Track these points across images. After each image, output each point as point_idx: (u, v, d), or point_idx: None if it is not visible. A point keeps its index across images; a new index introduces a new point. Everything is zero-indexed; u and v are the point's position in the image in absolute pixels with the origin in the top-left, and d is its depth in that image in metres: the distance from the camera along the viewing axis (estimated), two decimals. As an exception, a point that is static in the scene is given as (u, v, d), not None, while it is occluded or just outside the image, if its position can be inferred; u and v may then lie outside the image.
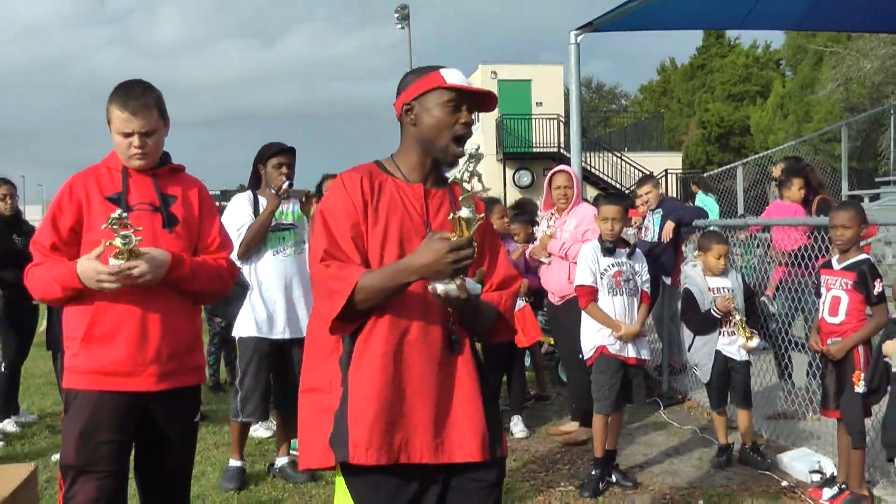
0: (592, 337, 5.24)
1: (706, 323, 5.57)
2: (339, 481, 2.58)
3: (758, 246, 7.73)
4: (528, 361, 7.80)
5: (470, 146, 2.64)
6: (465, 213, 2.41)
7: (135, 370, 3.19)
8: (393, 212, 2.62)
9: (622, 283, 5.23)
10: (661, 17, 11.01)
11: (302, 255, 5.33)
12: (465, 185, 2.44)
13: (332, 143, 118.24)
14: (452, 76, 2.65)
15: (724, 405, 5.68)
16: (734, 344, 5.52)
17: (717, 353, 5.56)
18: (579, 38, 9.53)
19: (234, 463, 5.39)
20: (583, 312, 5.31)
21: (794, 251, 6.52)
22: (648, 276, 5.53)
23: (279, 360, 5.31)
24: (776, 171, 8.25)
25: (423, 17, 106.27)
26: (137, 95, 3.23)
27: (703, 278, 5.63)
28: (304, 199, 5.29)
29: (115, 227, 2.98)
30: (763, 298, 7.48)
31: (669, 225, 7.23)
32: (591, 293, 5.22)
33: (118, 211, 3.04)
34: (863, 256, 4.86)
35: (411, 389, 2.53)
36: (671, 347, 7.97)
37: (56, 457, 6.18)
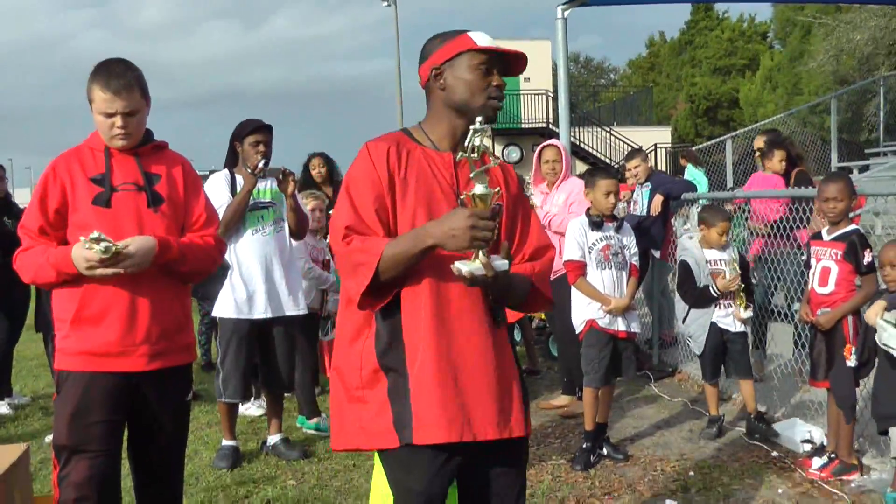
0: (582, 311, 5.24)
1: (703, 298, 5.59)
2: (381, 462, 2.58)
3: (747, 218, 7.74)
4: (518, 336, 7.81)
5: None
6: (479, 189, 2.39)
7: (125, 350, 3.19)
8: (422, 181, 2.56)
9: (611, 257, 5.23)
10: (649, -11, 11.04)
11: (281, 233, 5.32)
12: (472, 159, 2.41)
13: (319, 122, 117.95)
14: (482, 39, 2.60)
15: (717, 377, 5.71)
16: (730, 315, 5.55)
17: (713, 324, 5.58)
18: (566, 13, 9.49)
19: (227, 442, 5.39)
20: (572, 287, 5.31)
21: (775, 222, 6.53)
22: (637, 249, 5.53)
23: (262, 339, 5.29)
24: (758, 142, 8.25)
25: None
26: (119, 75, 3.19)
27: (701, 250, 5.63)
28: (280, 178, 5.23)
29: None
30: None
31: (658, 198, 7.23)
32: (579, 268, 5.22)
33: (95, 233, 3.01)
34: (852, 227, 4.88)
35: (464, 363, 2.50)
36: (661, 321, 7.99)
37: (49, 438, 6.19)
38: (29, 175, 65.67)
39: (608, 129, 28.15)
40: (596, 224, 5.22)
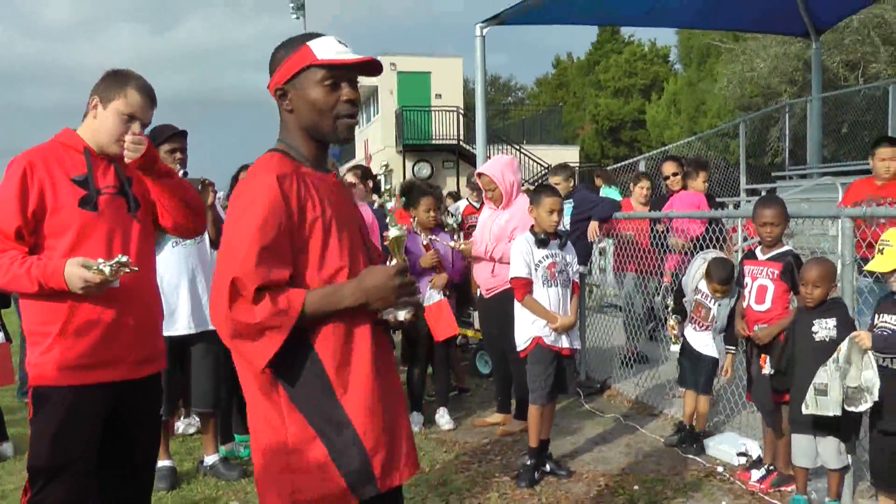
0: (527, 328, 5.26)
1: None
2: None
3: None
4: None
5: (370, 138, 2.59)
6: (394, 232, 2.39)
7: (116, 358, 3.08)
8: (330, 207, 2.37)
9: (556, 275, 5.26)
10: (566, 11, 11.22)
11: (202, 243, 5.18)
12: (387, 203, 2.41)
13: (229, 131, 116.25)
14: (325, 49, 2.35)
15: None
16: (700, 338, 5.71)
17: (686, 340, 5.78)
18: (485, 31, 9.63)
19: (163, 462, 5.21)
20: (516, 304, 5.33)
21: (696, 239, 6.69)
22: (578, 266, 5.59)
23: (183, 356, 5.14)
24: (666, 168, 8.54)
25: (320, 5, 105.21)
26: (152, 88, 3.21)
27: (701, 282, 5.65)
28: (200, 188, 5.10)
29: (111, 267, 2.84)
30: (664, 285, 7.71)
31: (593, 225, 7.35)
32: (526, 285, 5.24)
33: (124, 258, 2.88)
34: (787, 248, 5.02)
35: (392, 400, 2.45)
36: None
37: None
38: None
39: (518, 147, 28.52)
40: (542, 242, 5.26)
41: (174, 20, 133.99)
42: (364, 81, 31.20)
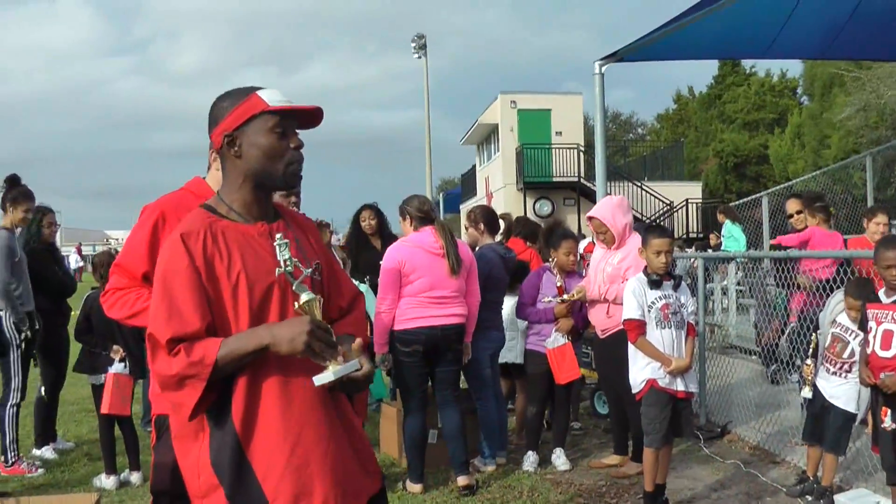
0: (642, 370, 5.22)
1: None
2: None
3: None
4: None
5: (491, 176, 2.57)
6: (304, 297, 2.39)
7: None
8: (240, 260, 2.41)
9: (670, 316, 5.21)
10: (685, 46, 11.06)
11: None
12: (288, 272, 2.41)
13: (354, 169, 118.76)
14: (272, 98, 2.44)
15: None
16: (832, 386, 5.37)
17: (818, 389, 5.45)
18: (603, 68, 9.60)
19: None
20: (630, 346, 5.30)
21: (825, 281, 6.48)
22: (694, 307, 5.51)
23: None
24: (791, 206, 8.33)
25: (442, 45, 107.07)
26: None
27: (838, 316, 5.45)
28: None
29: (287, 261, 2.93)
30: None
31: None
32: (639, 327, 5.20)
33: (279, 235, 2.98)
34: (913, 290, 4.83)
35: (305, 440, 2.42)
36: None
37: (98, 481, 6.22)
38: (59, 219, 66.48)
39: (639, 185, 28.19)
40: (654, 283, 5.22)
41: (301, 63, 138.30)
42: (484, 120, 31.65)
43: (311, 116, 2.51)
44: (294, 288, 2.39)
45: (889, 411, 4.62)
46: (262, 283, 2.41)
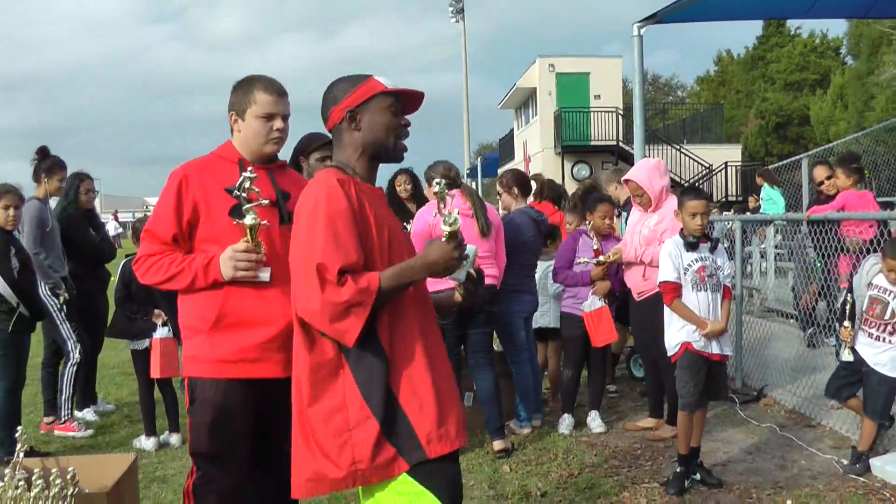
0: (677, 333, 5.18)
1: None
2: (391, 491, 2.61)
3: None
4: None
5: (529, 140, 2.86)
6: (249, 219, 3.08)
7: (262, 357, 3.24)
8: (380, 215, 2.71)
9: (706, 279, 5.16)
10: (726, 6, 10.89)
11: None
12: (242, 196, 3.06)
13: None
14: (388, 82, 2.79)
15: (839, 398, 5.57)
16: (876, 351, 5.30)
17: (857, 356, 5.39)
18: (642, 31, 9.44)
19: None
20: (666, 309, 5.26)
21: (868, 241, 6.38)
22: (730, 270, 5.46)
23: None
24: (818, 173, 8.18)
25: (482, 9, 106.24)
26: (276, 81, 3.39)
27: (875, 278, 5.37)
28: None
29: (245, 189, 3.11)
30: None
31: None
32: (675, 289, 5.16)
33: (249, 169, 3.16)
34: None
35: (441, 373, 2.70)
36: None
37: (138, 442, 6.33)
38: (98, 186, 67.18)
39: (678, 147, 27.91)
40: (691, 245, 5.17)
41: (340, 27, 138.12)
42: (522, 84, 31.39)
43: (415, 101, 2.86)
44: (243, 209, 2.90)
45: None
46: (396, 228, 2.79)
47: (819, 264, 7.86)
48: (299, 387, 2.63)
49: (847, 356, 5.42)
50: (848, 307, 5.42)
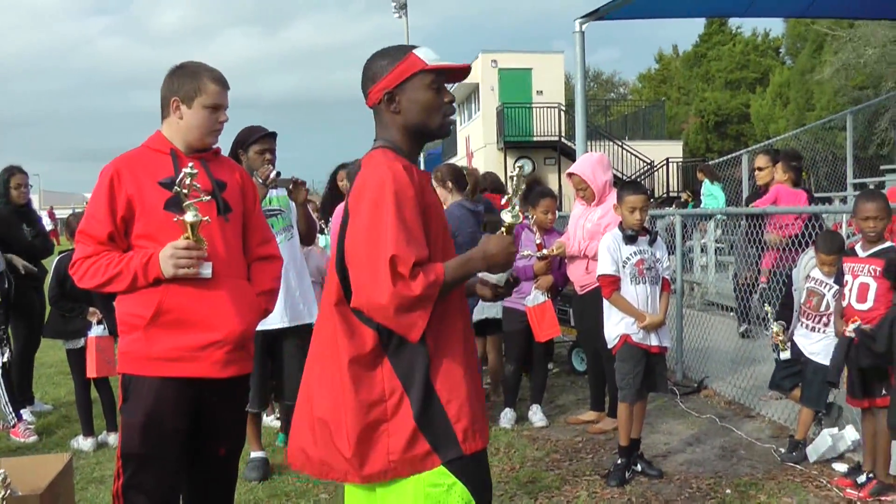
0: (616, 326, 5.22)
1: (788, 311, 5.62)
2: (415, 484, 2.52)
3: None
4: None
5: (472, 135, 2.77)
6: (190, 216, 3.05)
7: (199, 356, 3.15)
8: (435, 203, 2.63)
9: (645, 272, 5.20)
10: (667, 4, 11.00)
11: (293, 240, 5.28)
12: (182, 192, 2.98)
13: (329, 131, 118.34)
14: (428, 57, 2.60)
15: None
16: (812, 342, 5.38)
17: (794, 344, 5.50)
18: (584, 27, 9.49)
19: (256, 453, 5.36)
20: (605, 302, 5.29)
21: (793, 237, 6.49)
22: (669, 263, 5.51)
23: (273, 350, 5.23)
24: (759, 161, 8.37)
25: (425, 4, 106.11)
26: (221, 73, 3.32)
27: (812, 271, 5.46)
28: (291, 187, 5.17)
29: (187, 185, 3.02)
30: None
31: None
32: (614, 282, 5.19)
33: (190, 165, 3.04)
34: (889, 244, 4.84)
35: (474, 369, 2.62)
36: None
37: (76, 443, 6.19)
38: (38, 182, 65.91)
39: (620, 144, 28.17)
40: (630, 238, 5.20)
41: (285, 22, 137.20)
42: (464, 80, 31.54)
43: (460, 74, 2.68)
44: (184, 205, 2.84)
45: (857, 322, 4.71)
46: (441, 218, 2.64)
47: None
48: (334, 377, 2.53)
49: (786, 355, 5.53)
50: (772, 310, 5.59)
